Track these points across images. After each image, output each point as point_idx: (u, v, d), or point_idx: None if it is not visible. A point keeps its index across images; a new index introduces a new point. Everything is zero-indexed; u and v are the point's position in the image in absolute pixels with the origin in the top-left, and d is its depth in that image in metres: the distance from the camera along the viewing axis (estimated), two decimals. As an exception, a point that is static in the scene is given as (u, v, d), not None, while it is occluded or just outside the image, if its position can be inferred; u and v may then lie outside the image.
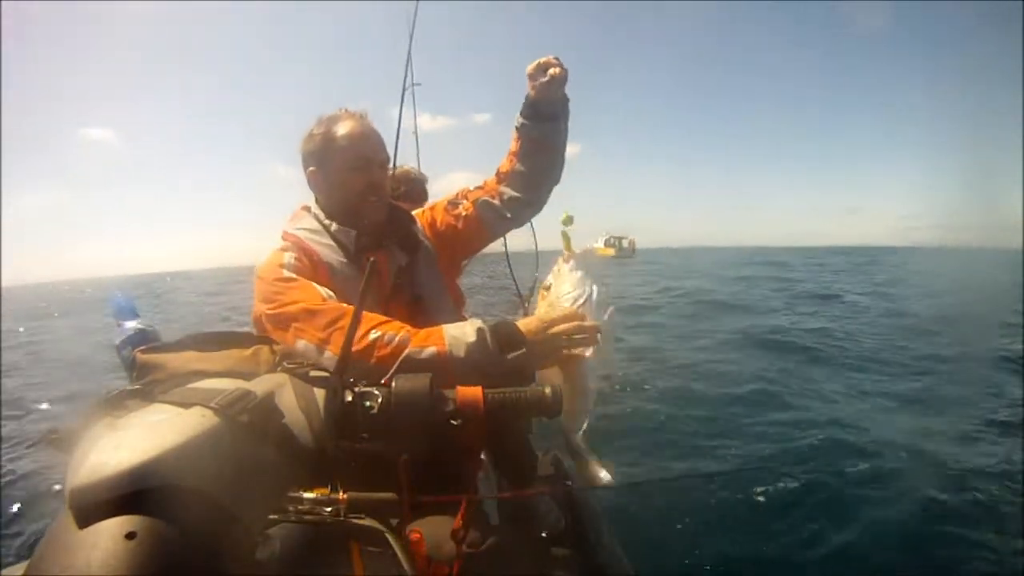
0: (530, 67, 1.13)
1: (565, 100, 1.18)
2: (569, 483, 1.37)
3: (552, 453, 1.66)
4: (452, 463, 0.88)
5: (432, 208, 1.31)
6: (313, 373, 0.64)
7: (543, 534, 1.21)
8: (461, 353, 0.90)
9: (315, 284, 1.01)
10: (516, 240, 1.84)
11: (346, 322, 0.90)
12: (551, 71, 1.11)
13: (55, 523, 0.39)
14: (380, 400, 0.66)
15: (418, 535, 0.69)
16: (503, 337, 0.92)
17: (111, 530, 0.36)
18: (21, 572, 0.39)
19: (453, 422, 0.69)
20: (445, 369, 0.88)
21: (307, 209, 1.17)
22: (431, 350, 0.90)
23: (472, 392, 0.71)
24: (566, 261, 1.07)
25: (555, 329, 0.94)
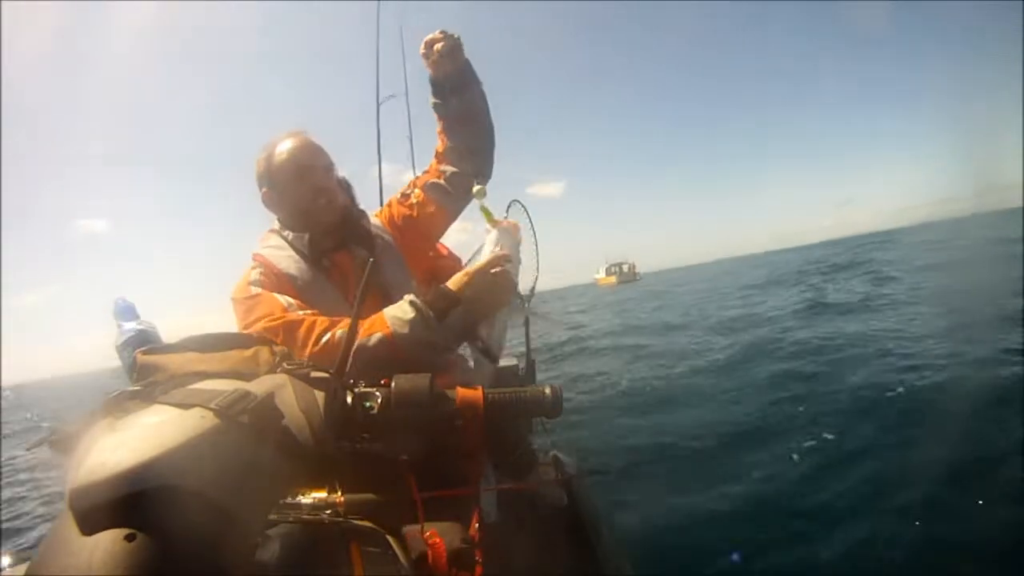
0: (421, 48, 1.15)
1: (465, 67, 1.18)
2: (569, 475, 1.37)
3: (552, 453, 1.67)
4: (453, 463, 0.88)
5: (388, 204, 1.34)
6: (313, 374, 0.64)
7: (544, 531, 1.21)
8: (405, 330, 0.94)
9: (277, 295, 1.06)
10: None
11: (301, 331, 0.97)
12: (436, 47, 1.13)
13: (55, 524, 0.39)
14: (380, 400, 0.66)
15: (437, 538, 0.69)
16: (437, 301, 0.96)
17: (111, 532, 0.36)
18: (22, 573, 0.39)
19: (454, 422, 0.69)
20: (396, 350, 0.93)
21: (272, 230, 1.22)
22: (377, 335, 0.94)
23: (472, 392, 0.71)
24: (488, 233, 1.08)
25: (477, 270, 0.98)
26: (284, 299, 1.05)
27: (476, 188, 1.08)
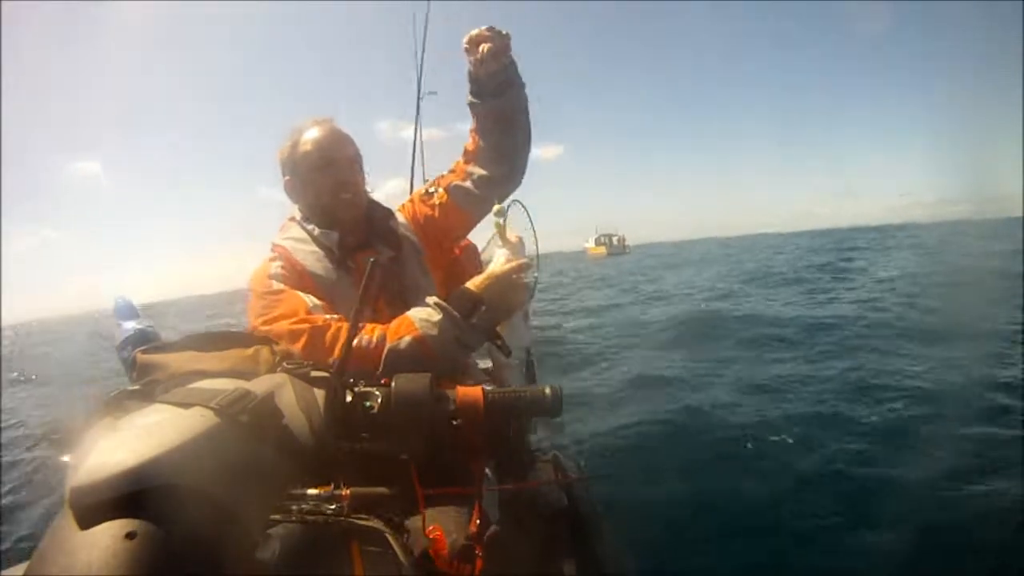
0: (465, 41, 1.09)
1: (510, 67, 1.12)
2: (569, 475, 1.37)
3: (552, 453, 1.67)
4: (454, 463, 0.88)
5: (411, 201, 1.30)
6: (313, 373, 0.64)
7: (544, 531, 1.21)
8: (435, 332, 0.94)
9: (301, 293, 1.03)
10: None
11: (327, 337, 0.95)
12: (482, 47, 1.07)
13: (55, 523, 0.39)
14: (380, 400, 0.66)
15: (439, 532, 0.69)
16: (461, 302, 0.97)
17: (111, 530, 0.36)
18: (21, 572, 0.39)
19: (454, 422, 0.69)
20: (428, 351, 0.93)
21: (293, 220, 1.19)
22: (407, 339, 0.94)
23: (472, 392, 0.71)
24: (499, 247, 1.07)
25: (500, 272, 1.00)
26: (309, 299, 1.02)
27: (498, 207, 1.07)
